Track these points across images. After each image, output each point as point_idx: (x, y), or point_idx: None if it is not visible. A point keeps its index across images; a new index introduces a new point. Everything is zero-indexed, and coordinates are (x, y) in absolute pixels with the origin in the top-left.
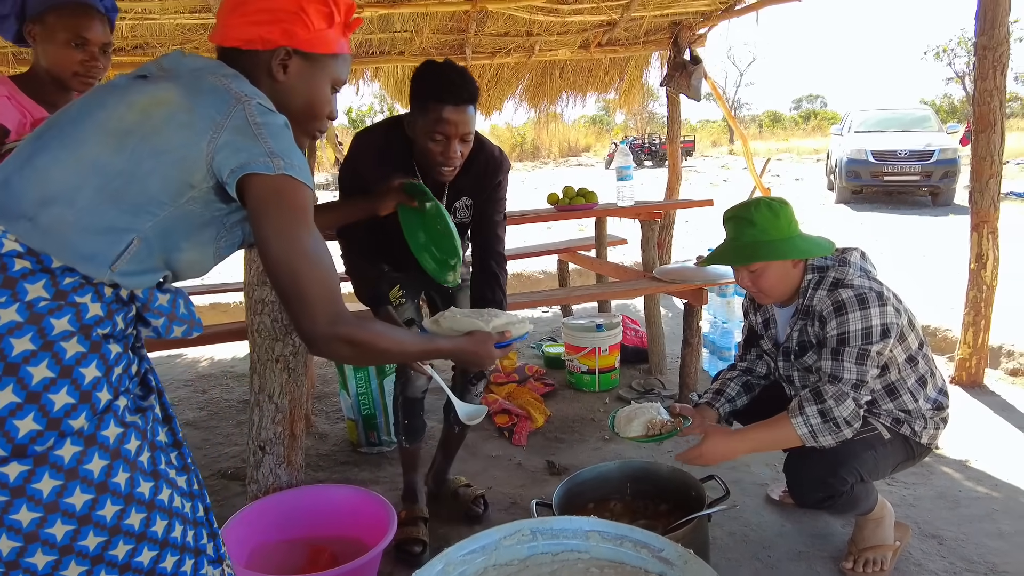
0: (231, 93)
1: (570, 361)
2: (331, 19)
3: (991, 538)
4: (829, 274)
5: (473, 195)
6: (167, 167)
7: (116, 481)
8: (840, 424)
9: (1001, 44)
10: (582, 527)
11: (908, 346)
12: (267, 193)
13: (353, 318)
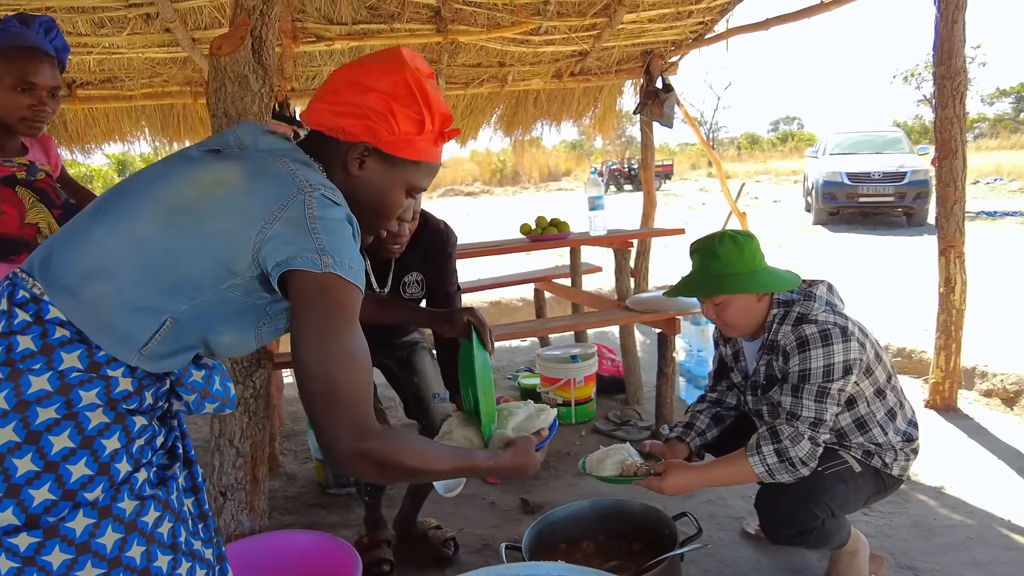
0: (295, 182)
1: (545, 393)
2: (421, 126)
3: (966, 567)
4: (794, 309)
5: (423, 270)
6: (212, 251)
7: (130, 555)
8: (796, 464)
9: (958, 74)
10: (548, 573)
11: (876, 379)
12: (311, 291)
13: (381, 431)
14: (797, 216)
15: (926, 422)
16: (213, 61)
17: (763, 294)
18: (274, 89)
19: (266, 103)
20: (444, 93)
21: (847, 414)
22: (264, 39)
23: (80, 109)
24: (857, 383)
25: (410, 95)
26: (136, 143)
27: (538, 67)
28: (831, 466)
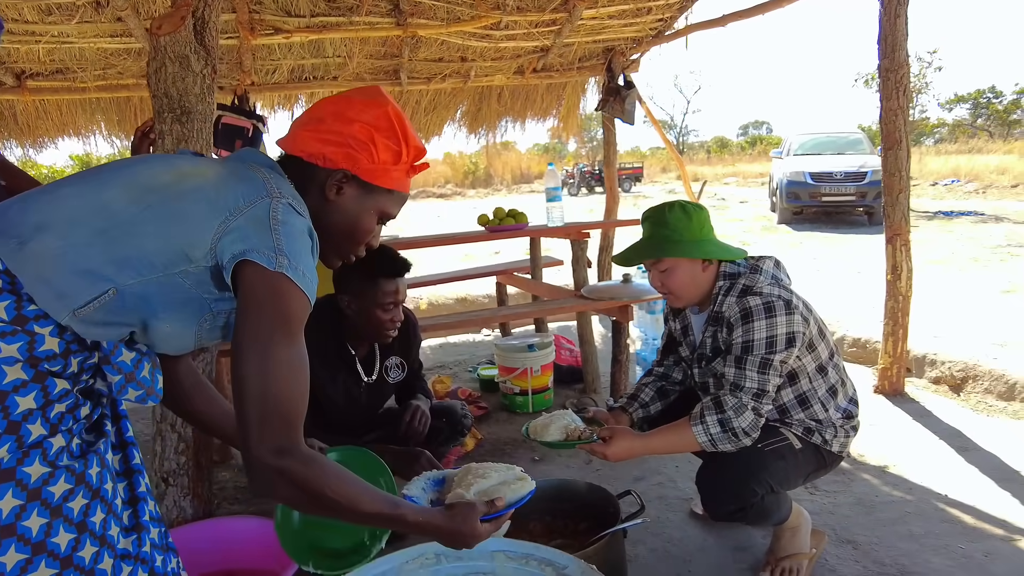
0: (266, 187)
1: (503, 383)
2: (398, 157)
3: (903, 540)
4: (740, 281)
5: (401, 354)
6: (173, 233)
7: (27, 525)
8: (739, 434)
9: (902, 67)
10: (488, 548)
11: (818, 356)
12: (260, 288)
13: (307, 453)
14: (763, 216)
15: (874, 406)
16: (153, 40)
17: (708, 265)
18: (216, 70)
19: (208, 84)
20: (406, 88)
21: (789, 389)
22: (207, 20)
23: (30, 101)
24: (799, 358)
25: (391, 128)
26: (92, 137)
27: (500, 63)
28: (771, 443)
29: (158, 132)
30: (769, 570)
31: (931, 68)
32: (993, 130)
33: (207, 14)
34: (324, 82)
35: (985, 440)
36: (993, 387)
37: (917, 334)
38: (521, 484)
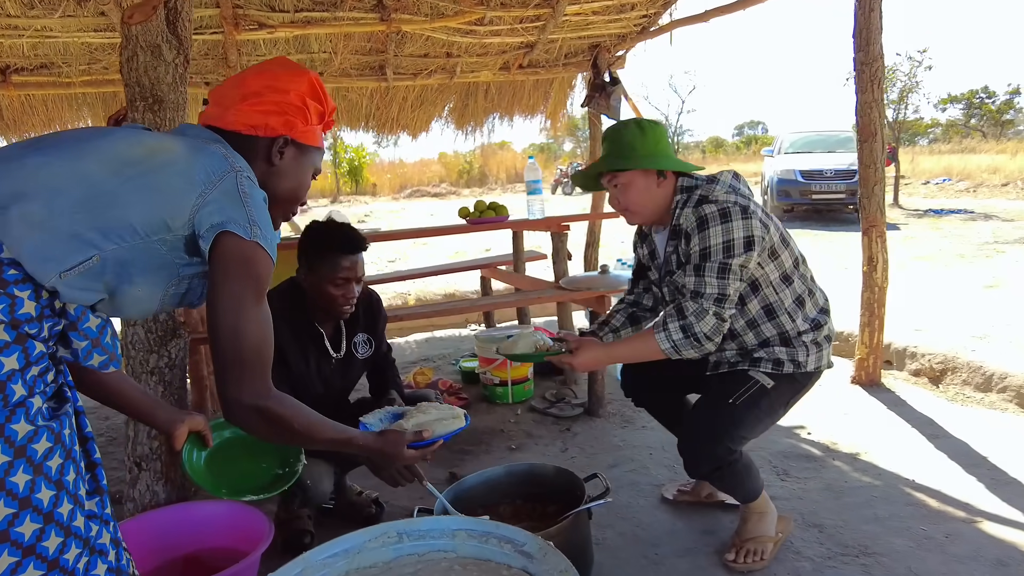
0: (228, 161)
1: (483, 374)
2: (322, 117)
3: (867, 523)
4: (696, 192)
5: (368, 329)
6: (155, 204)
7: (14, 481)
8: (701, 339)
9: (876, 60)
10: (449, 527)
11: (781, 264)
12: (236, 255)
13: (279, 394)
14: None
15: (851, 396)
16: (125, 29)
17: (663, 179)
18: (188, 60)
19: (180, 73)
20: (392, 84)
21: (755, 300)
22: (180, 10)
23: (15, 96)
24: (761, 265)
25: (316, 92)
26: None
27: (486, 58)
28: (742, 394)
29: (131, 120)
30: (735, 551)
31: (921, 67)
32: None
33: (180, 3)
34: None
35: (956, 428)
36: (971, 379)
37: (900, 328)
38: (454, 422)
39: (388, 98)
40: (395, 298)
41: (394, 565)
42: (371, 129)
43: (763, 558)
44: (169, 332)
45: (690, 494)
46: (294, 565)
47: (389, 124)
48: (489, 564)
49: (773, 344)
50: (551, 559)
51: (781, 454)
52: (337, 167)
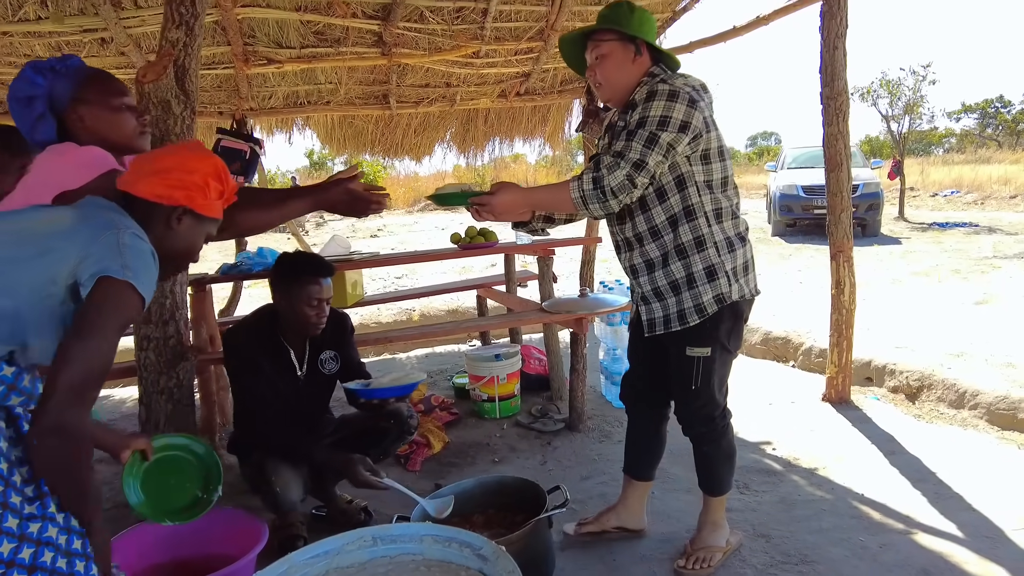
0: (112, 223)
1: (472, 390)
2: (221, 195)
3: (811, 533)
4: (658, 77)
5: (334, 347)
6: (43, 263)
7: None
8: (607, 193)
9: (840, 95)
10: (418, 532)
11: (711, 171)
12: (108, 291)
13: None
14: (758, 228)
15: (819, 413)
16: (139, 87)
17: (639, 57)
18: (195, 112)
19: (188, 124)
20: (395, 112)
21: (678, 197)
22: (188, 68)
23: None
24: (691, 162)
25: (218, 174)
26: None
27: (484, 87)
28: (695, 377)
29: None
30: (685, 557)
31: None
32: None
33: (188, 62)
34: (317, 106)
35: (914, 445)
36: (945, 396)
37: (881, 345)
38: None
39: (392, 124)
40: (400, 314)
41: (368, 566)
42: (377, 153)
43: (710, 565)
44: (178, 356)
45: (593, 525)
46: (280, 564)
47: (394, 148)
48: (451, 565)
49: (697, 282)
50: (502, 562)
51: (744, 468)
52: None
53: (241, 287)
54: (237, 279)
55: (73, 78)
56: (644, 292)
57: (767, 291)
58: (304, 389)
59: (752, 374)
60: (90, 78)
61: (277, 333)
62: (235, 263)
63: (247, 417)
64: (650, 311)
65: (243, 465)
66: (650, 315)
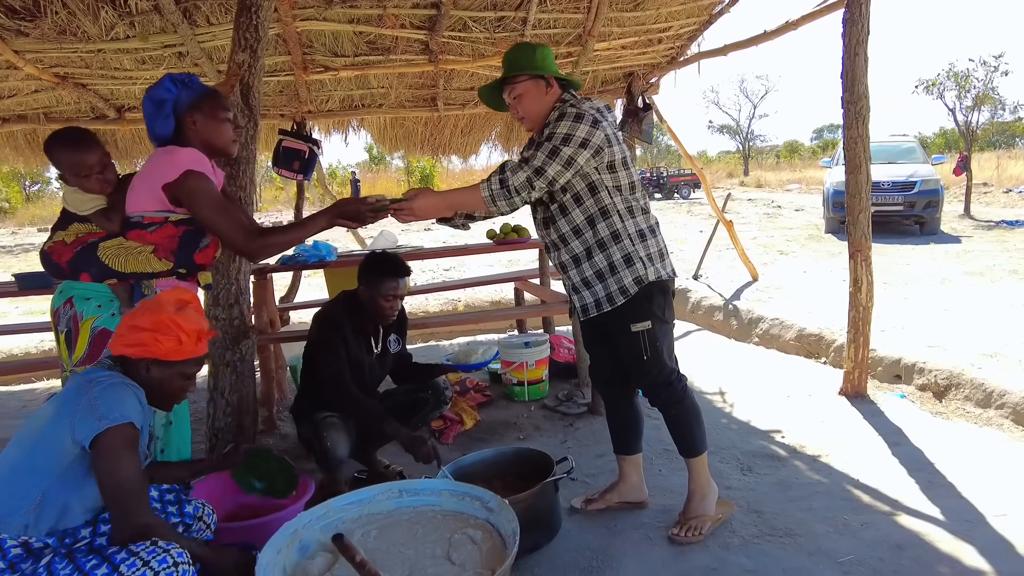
0: (83, 387)
1: (504, 375)
2: (179, 343)
3: (801, 512)
4: (568, 103)
5: (398, 332)
6: (47, 448)
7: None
8: (511, 192)
9: (860, 99)
10: (437, 487)
11: (618, 179)
12: (102, 443)
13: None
14: (813, 225)
15: (833, 406)
16: None
17: (550, 88)
18: (258, 125)
19: (251, 134)
20: (443, 114)
21: (592, 200)
22: (252, 86)
23: (128, 130)
24: (599, 172)
25: (166, 328)
26: None
27: None
28: (644, 348)
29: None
30: (679, 526)
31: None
32: None
33: (252, 80)
34: (371, 109)
35: (920, 438)
36: (972, 395)
37: (913, 344)
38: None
39: (440, 125)
40: (447, 304)
41: (395, 513)
42: (426, 153)
43: (701, 533)
44: (241, 334)
45: (599, 501)
46: (320, 508)
47: (442, 148)
48: (462, 516)
49: (617, 270)
50: (504, 512)
51: (751, 453)
52: (410, 175)
53: (300, 277)
54: (295, 269)
55: (196, 91)
56: (575, 283)
57: (805, 288)
58: (376, 362)
59: (776, 368)
60: (207, 94)
61: (359, 316)
62: (293, 255)
63: (320, 385)
64: (582, 298)
65: (301, 429)
66: (582, 301)
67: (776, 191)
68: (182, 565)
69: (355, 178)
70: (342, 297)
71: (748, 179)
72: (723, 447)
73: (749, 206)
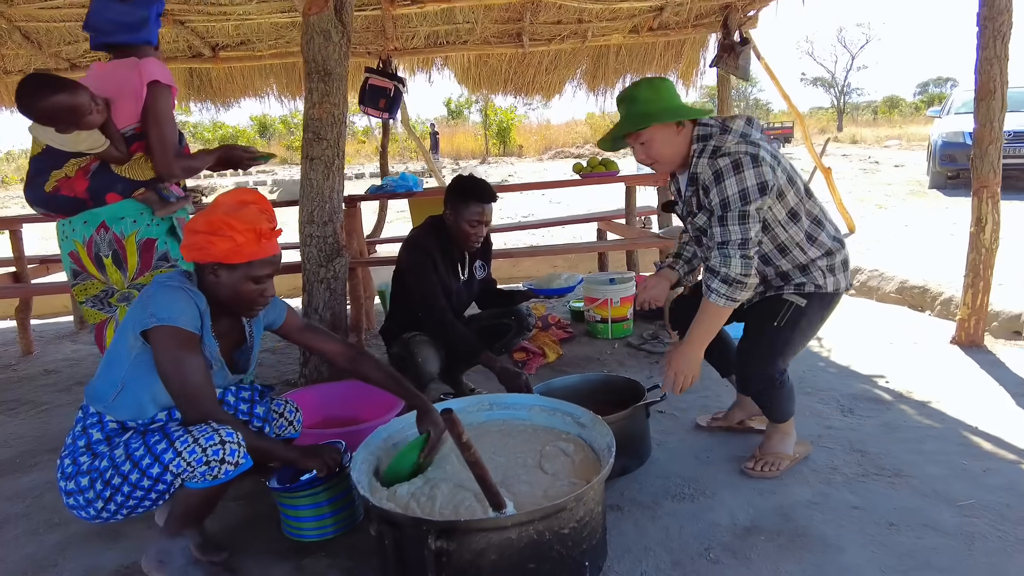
0: (149, 286)
1: (587, 311)
2: (234, 243)
3: (910, 454)
4: (710, 143)
5: (483, 258)
6: (123, 339)
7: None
8: (737, 282)
9: (1002, 14)
10: (527, 402)
11: (787, 203)
12: (155, 341)
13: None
14: (915, 180)
15: (944, 355)
16: (305, 19)
17: (681, 127)
18: (350, 40)
19: (344, 51)
20: (528, 50)
21: (766, 239)
22: (345, 2)
23: (222, 68)
24: (770, 207)
25: (218, 229)
26: (266, 98)
27: (616, 23)
28: (783, 315)
29: (307, 89)
30: (754, 461)
31: None
32: None
33: None
34: (455, 46)
35: None
36: None
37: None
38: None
39: (525, 63)
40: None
41: (486, 424)
42: (510, 92)
43: (778, 470)
44: (334, 252)
45: (723, 420)
46: (412, 415)
47: (526, 87)
48: (554, 431)
49: (793, 277)
50: (598, 427)
51: (851, 395)
52: (487, 129)
53: (386, 210)
54: (382, 199)
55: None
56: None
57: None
58: (464, 286)
59: (877, 317)
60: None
61: (446, 241)
62: (381, 185)
63: (409, 309)
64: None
65: (391, 349)
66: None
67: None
68: (229, 444)
69: (434, 130)
70: (429, 222)
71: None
72: (821, 389)
73: (843, 161)
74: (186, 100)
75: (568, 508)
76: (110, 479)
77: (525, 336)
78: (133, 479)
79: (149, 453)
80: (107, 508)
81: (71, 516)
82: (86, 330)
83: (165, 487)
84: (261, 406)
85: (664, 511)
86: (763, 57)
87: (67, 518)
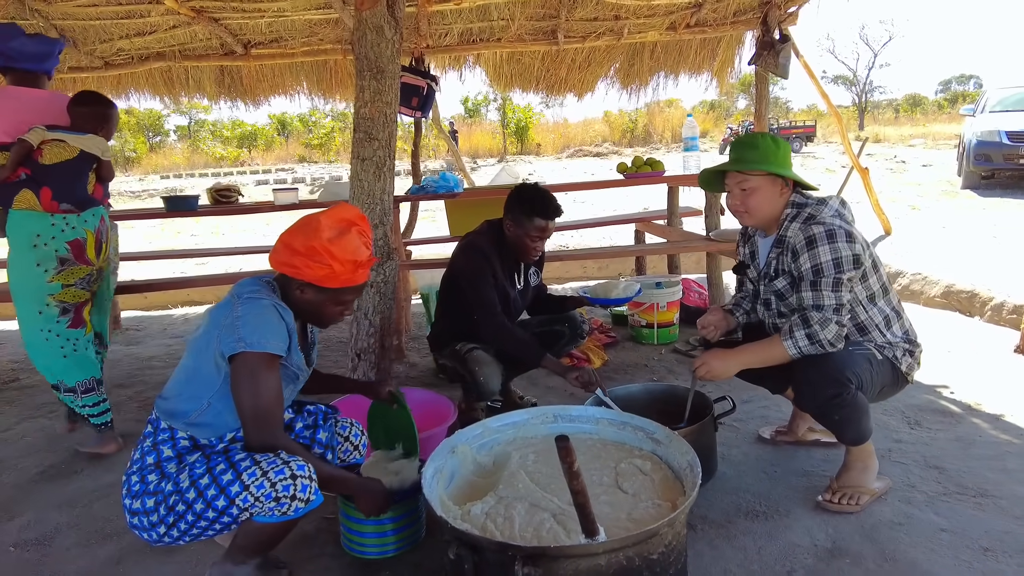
0: (233, 301)
1: (631, 316)
2: (331, 271)
3: (993, 472)
4: (805, 210)
5: (536, 264)
6: (207, 358)
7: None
8: (825, 345)
9: None
10: (593, 415)
11: (870, 287)
12: (236, 364)
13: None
14: (945, 180)
15: (1008, 365)
16: (357, 15)
17: (785, 189)
18: (403, 36)
19: (397, 47)
20: (562, 47)
21: (848, 319)
22: None
23: (253, 66)
24: (854, 287)
25: (318, 256)
26: (296, 96)
27: (653, 19)
28: (858, 347)
29: (358, 88)
30: (831, 492)
31: None
32: None
33: None
34: (489, 43)
35: None
36: None
37: None
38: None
39: (558, 60)
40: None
41: (549, 439)
42: (541, 90)
43: (858, 504)
44: (386, 254)
45: (787, 434)
46: (476, 427)
47: (557, 85)
48: (624, 446)
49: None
50: (676, 444)
51: (916, 407)
52: (505, 127)
53: (418, 211)
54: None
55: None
56: None
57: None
58: (519, 293)
59: (926, 322)
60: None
61: (504, 248)
62: (421, 185)
63: (461, 315)
64: None
65: (440, 357)
66: None
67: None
68: (300, 479)
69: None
70: (487, 227)
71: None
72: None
73: (869, 160)
74: (217, 98)
75: (660, 533)
76: (174, 504)
77: (578, 343)
78: (198, 509)
79: (215, 483)
80: (169, 533)
81: (123, 526)
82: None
83: (231, 520)
84: (324, 431)
85: (738, 530)
86: (802, 55)
87: (119, 528)
